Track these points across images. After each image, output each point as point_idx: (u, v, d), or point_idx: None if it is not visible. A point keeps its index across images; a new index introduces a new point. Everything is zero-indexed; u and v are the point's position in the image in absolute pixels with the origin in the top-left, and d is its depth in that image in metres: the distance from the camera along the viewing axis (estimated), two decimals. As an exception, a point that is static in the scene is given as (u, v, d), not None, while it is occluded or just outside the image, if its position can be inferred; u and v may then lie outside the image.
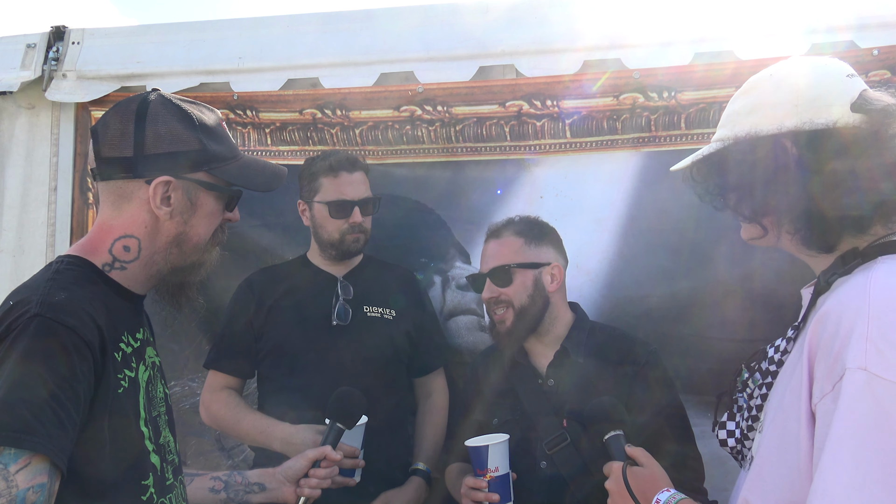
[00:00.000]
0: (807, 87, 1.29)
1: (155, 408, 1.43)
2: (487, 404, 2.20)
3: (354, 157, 2.49)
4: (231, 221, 1.50)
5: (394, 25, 2.65)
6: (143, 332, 1.46)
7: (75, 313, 1.24)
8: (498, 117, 2.57)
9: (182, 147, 1.37)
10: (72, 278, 1.32)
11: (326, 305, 2.41)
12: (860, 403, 1.05)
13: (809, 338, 1.19)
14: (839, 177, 1.21)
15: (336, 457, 1.91)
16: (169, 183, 1.37)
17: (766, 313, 2.27)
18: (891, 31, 2.27)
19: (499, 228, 2.22)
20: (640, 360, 2.10)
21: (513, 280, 2.12)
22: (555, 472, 2.02)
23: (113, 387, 1.29)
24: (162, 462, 1.41)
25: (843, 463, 1.05)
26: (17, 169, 2.91)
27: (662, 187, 2.45)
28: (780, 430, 1.21)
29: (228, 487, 1.82)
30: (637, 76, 2.43)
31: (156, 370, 1.49)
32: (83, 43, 2.84)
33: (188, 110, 1.39)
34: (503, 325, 2.14)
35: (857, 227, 1.24)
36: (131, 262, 1.39)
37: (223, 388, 2.44)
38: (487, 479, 1.91)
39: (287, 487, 1.86)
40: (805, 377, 1.17)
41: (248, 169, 1.48)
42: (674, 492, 1.52)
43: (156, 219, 1.38)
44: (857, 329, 1.09)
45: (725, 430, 1.46)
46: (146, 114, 1.36)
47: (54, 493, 1.17)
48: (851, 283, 1.20)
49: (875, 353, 1.06)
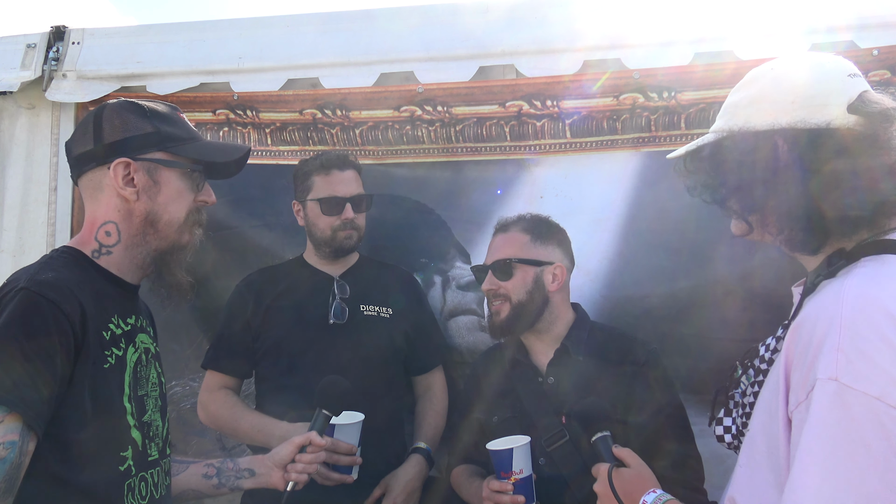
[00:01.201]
0: (805, 85, 1.28)
1: (142, 388, 1.52)
2: (488, 403, 2.21)
3: (346, 155, 2.51)
4: (206, 203, 1.60)
5: (394, 25, 2.65)
6: (136, 319, 1.56)
7: (58, 289, 1.35)
8: (498, 117, 2.57)
9: (136, 132, 1.50)
10: (62, 263, 1.46)
11: (323, 305, 2.42)
12: (830, 413, 1.06)
13: (787, 345, 1.19)
14: (827, 178, 1.20)
15: (321, 442, 1.93)
16: (129, 164, 1.49)
17: (766, 313, 2.26)
18: (891, 31, 2.27)
19: (508, 223, 2.25)
20: (640, 360, 2.11)
21: (513, 274, 2.14)
22: (553, 469, 2.03)
23: (98, 361, 1.40)
24: (144, 439, 1.49)
25: (812, 473, 1.05)
26: (18, 169, 2.91)
27: (662, 187, 2.45)
28: (767, 432, 1.22)
29: (220, 473, 1.89)
30: (637, 76, 2.43)
31: (149, 356, 1.58)
32: (83, 43, 2.84)
33: (141, 103, 1.54)
34: (498, 317, 2.17)
35: (842, 231, 1.23)
36: (114, 245, 1.51)
37: (221, 388, 2.45)
38: (512, 481, 1.92)
39: (276, 473, 1.91)
40: (782, 383, 1.18)
41: (207, 146, 1.60)
42: (660, 492, 1.52)
43: (126, 201, 1.50)
44: (829, 339, 1.09)
45: (722, 426, 1.46)
46: (103, 112, 1.52)
47: (27, 453, 1.27)
48: (829, 288, 1.20)
49: (846, 364, 1.06)
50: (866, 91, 1.26)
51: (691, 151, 1.41)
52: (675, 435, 2.02)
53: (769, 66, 1.36)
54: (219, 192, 1.68)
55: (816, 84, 1.27)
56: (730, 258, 2.36)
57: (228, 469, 1.90)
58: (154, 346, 1.63)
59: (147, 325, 1.63)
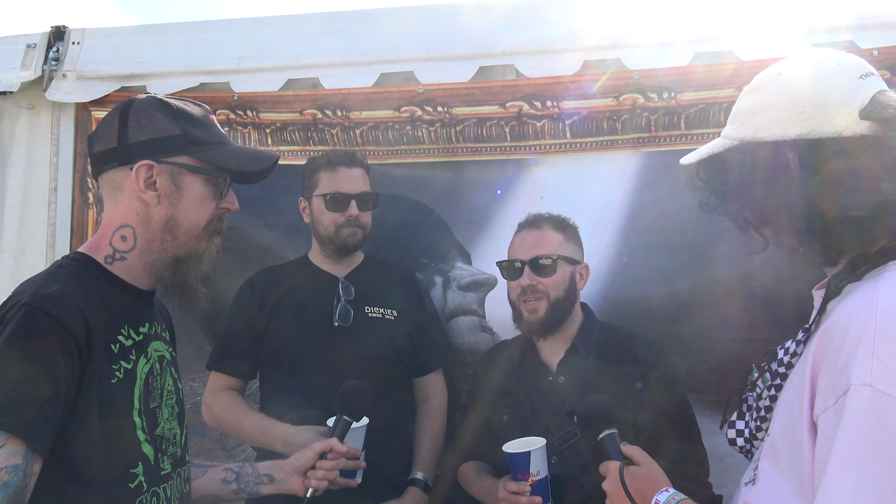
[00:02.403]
0: (813, 93, 1.22)
1: (154, 399, 1.47)
2: (496, 401, 2.21)
3: (354, 153, 2.50)
4: (229, 211, 1.53)
5: (394, 25, 2.65)
6: (150, 327, 1.50)
7: (62, 304, 1.29)
8: (498, 118, 2.57)
9: (162, 133, 1.43)
10: (71, 273, 1.39)
11: (328, 306, 2.41)
12: (865, 420, 1.04)
13: (815, 347, 1.17)
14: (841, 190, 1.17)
15: (342, 449, 1.92)
16: (152, 167, 1.42)
17: (766, 313, 2.27)
18: (891, 31, 2.27)
19: (537, 220, 2.23)
20: (649, 359, 2.12)
21: (556, 271, 2.13)
22: (565, 469, 2.03)
23: (105, 377, 1.34)
24: (157, 452, 1.45)
25: (846, 480, 1.04)
26: (18, 169, 2.91)
27: (662, 187, 2.45)
28: (789, 439, 1.20)
29: (240, 479, 1.87)
30: (637, 77, 2.43)
31: (164, 364, 1.53)
32: (83, 43, 2.84)
33: (170, 102, 1.46)
34: (535, 315, 2.13)
35: (862, 241, 1.20)
36: (129, 251, 1.44)
37: (225, 389, 2.44)
38: (530, 482, 1.91)
39: (295, 479, 1.90)
40: (808, 387, 1.16)
41: (235, 152, 1.52)
42: (673, 492, 1.50)
43: (146, 205, 1.43)
44: (864, 343, 1.07)
45: (735, 429, 1.44)
46: (130, 109, 1.44)
47: (32, 475, 1.22)
48: (859, 292, 1.18)
49: (881, 369, 1.04)
50: (881, 91, 1.21)
51: (703, 161, 1.37)
52: (682, 432, 2.02)
53: (776, 70, 1.30)
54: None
55: (825, 91, 1.22)
56: (730, 258, 2.35)
57: (247, 474, 1.88)
58: (170, 352, 1.57)
59: (163, 330, 1.58)
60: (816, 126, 1.20)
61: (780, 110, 1.24)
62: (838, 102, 1.21)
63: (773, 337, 1.40)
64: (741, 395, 1.44)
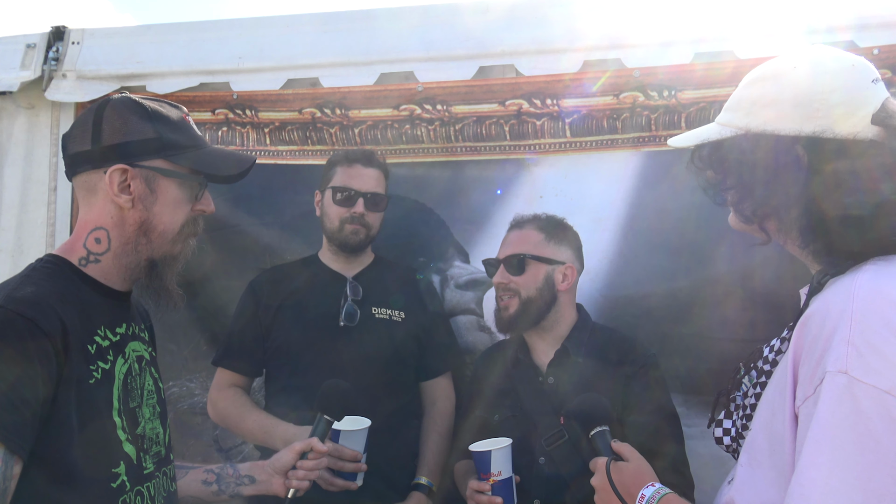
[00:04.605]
0: (831, 91, 1.21)
1: (134, 399, 1.47)
2: (489, 402, 2.21)
3: (374, 153, 2.50)
4: (204, 213, 1.53)
5: (394, 25, 2.65)
6: (128, 327, 1.50)
7: (37, 306, 1.29)
8: (497, 116, 2.56)
9: (137, 136, 1.42)
10: (45, 275, 1.39)
11: (334, 306, 2.40)
12: (839, 407, 1.05)
13: (795, 340, 1.18)
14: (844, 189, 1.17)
15: (322, 448, 1.89)
16: (126, 171, 1.41)
17: (766, 313, 2.26)
18: (891, 31, 2.26)
19: (523, 220, 2.27)
20: (639, 362, 2.12)
21: (525, 270, 2.17)
22: (553, 469, 2.04)
23: (83, 377, 1.34)
24: (139, 452, 1.45)
25: (820, 466, 1.04)
26: (17, 169, 2.91)
27: (662, 187, 2.45)
28: (769, 432, 1.20)
29: (220, 480, 1.86)
30: (637, 75, 2.43)
31: (144, 364, 1.53)
32: (83, 43, 2.84)
33: (146, 104, 1.45)
34: (506, 312, 2.19)
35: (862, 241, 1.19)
36: (103, 253, 1.44)
37: (230, 386, 2.44)
38: (490, 482, 1.93)
39: (276, 479, 1.88)
40: (790, 379, 1.16)
41: (210, 156, 1.51)
42: (658, 486, 1.51)
43: (120, 209, 1.43)
44: (840, 332, 1.08)
45: (721, 427, 1.44)
46: (104, 110, 1.43)
47: (12, 477, 1.23)
48: (838, 285, 1.18)
49: (856, 357, 1.05)
50: (888, 99, 1.22)
51: (703, 146, 1.36)
52: (666, 438, 2.02)
53: (791, 63, 1.27)
54: (217, 191, 1.65)
55: (841, 91, 1.21)
56: (730, 258, 2.35)
57: (228, 475, 1.87)
58: (149, 353, 1.58)
59: (141, 330, 1.58)
60: (831, 125, 1.20)
61: (795, 105, 1.23)
62: (854, 104, 1.21)
63: (773, 337, 1.39)
64: (729, 395, 1.44)
